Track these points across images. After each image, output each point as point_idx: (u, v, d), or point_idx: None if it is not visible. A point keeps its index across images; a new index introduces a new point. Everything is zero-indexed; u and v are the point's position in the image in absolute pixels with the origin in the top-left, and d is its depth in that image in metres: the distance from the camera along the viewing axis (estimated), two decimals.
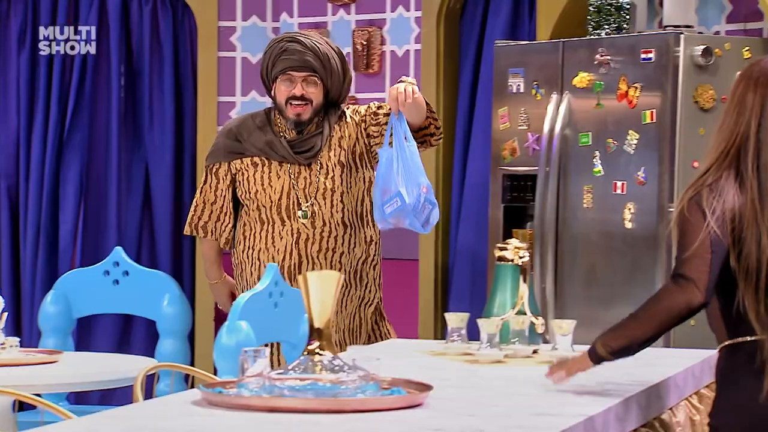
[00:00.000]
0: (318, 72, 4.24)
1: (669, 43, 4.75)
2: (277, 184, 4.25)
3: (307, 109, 4.23)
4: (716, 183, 2.53)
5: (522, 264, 3.08)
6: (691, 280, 2.52)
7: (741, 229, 2.49)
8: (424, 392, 2.42)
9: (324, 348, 2.39)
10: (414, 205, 3.98)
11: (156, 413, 2.34)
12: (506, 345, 3.02)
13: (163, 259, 6.25)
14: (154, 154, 6.32)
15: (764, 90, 2.54)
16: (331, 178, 4.24)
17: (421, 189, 4.00)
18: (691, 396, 3.01)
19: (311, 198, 4.22)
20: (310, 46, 4.25)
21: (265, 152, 4.27)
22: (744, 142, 2.54)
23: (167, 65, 6.34)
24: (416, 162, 4.01)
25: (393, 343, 3.49)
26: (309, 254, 4.23)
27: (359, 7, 6.16)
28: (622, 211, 4.84)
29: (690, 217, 2.53)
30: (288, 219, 4.23)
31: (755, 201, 2.50)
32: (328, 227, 4.23)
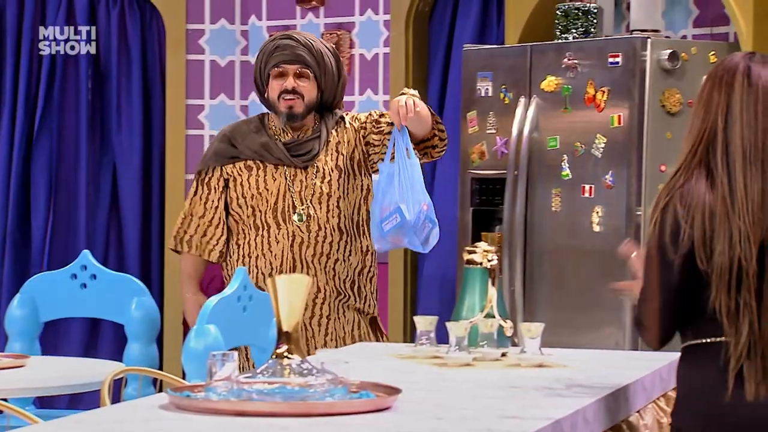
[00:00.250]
0: (311, 67, 4.13)
1: (636, 47, 4.77)
2: (272, 186, 4.14)
3: (299, 102, 4.12)
4: (687, 184, 2.55)
5: (491, 267, 3.09)
6: (645, 327, 2.61)
7: (713, 227, 2.51)
8: (393, 395, 2.42)
9: (292, 351, 2.39)
10: (414, 222, 3.84)
11: (123, 417, 2.33)
12: (475, 348, 3.02)
13: (131, 263, 6.23)
14: (122, 157, 6.30)
15: (729, 87, 2.56)
16: (328, 182, 4.13)
17: (422, 206, 3.86)
18: (658, 398, 3.02)
19: (307, 201, 4.11)
20: (303, 42, 4.16)
21: (261, 155, 4.16)
22: (712, 140, 2.56)
23: (135, 68, 6.32)
24: (418, 178, 3.89)
25: (362, 347, 3.49)
26: (303, 258, 4.13)
27: (328, 10, 6.16)
28: (590, 215, 4.86)
29: (650, 245, 2.55)
30: (283, 222, 4.12)
31: (726, 198, 2.52)
32: (324, 232, 4.12)
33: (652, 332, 2.59)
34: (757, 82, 2.55)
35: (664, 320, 2.58)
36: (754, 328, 2.49)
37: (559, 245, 4.95)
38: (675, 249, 2.53)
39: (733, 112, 2.54)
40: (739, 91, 2.55)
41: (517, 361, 2.97)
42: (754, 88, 2.55)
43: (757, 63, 2.57)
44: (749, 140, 2.52)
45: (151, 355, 4.76)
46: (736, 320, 2.50)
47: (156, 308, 4.83)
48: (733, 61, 2.59)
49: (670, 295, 2.55)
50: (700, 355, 2.57)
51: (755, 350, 2.49)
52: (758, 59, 2.58)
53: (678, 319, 2.59)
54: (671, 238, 2.52)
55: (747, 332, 2.49)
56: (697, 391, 2.56)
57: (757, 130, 2.53)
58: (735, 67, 2.57)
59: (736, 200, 2.51)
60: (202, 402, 2.35)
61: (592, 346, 4.56)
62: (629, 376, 2.86)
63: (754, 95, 2.54)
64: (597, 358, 3.21)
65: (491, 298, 3.07)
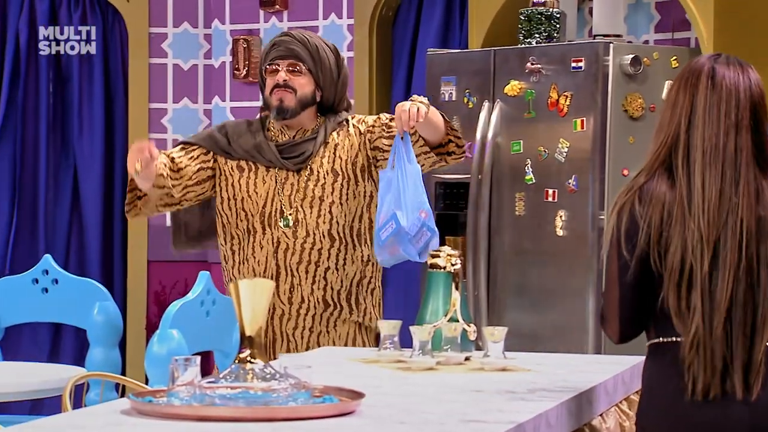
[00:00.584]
0: (304, 60, 3.90)
1: (599, 52, 4.80)
2: (261, 189, 3.89)
3: (291, 97, 3.88)
4: (648, 183, 2.56)
5: (454, 271, 3.09)
6: (606, 320, 2.63)
7: (669, 226, 2.53)
8: (356, 400, 2.41)
9: (255, 356, 2.38)
10: (410, 229, 3.60)
11: (84, 423, 2.32)
12: (438, 352, 3.02)
13: (93, 267, 6.20)
14: (84, 162, 6.26)
15: (693, 89, 2.58)
16: (321, 186, 3.87)
17: (419, 213, 3.63)
18: (621, 402, 3.03)
19: (296, 205, 3.85)
20: (299, 38, 3.96)
21: (252, 155, 3.91)
22: (675, 141, 2.57)
23: (97, 72, 6.29)
24: (417, 185, 3.67)
25: (325, 351, 3.48)
26: (288, 265, 3.84)
27: (291, 14, 6.16)
28: (553, 219, 4.88)
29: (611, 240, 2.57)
30: (269, 227, 3.86)
31: (683, 198, 2.53)
32: (312, 238, 3.83)
33: (611, 326, 2.63)
34: (721, 83, 2.56)
35: (623, 315, 2.60)
36: (700, 329, 2.51)
37: (522, 249, 4.96)
38: (630, 246, 2.55)
39: (696, 113, 2.56)
40: (702, 92, 2.57)
41: (481, 365, 2.97)
42: (717, 89, 2.56)
43: (722, 64, 2.59)
44: (710, 141, 2.54)
45: (114, 360, 4.74)
46: (685, 319, 2.52)
47: (118, 313, 4.81)
48: (699, 62, 2.61)
49: (627, 292, 2.58)
50: (662, 353, 2.59)
51: (703, 350, 2.51)
52: (723, 60, 2.60)
53: (638, 316, 2.60)
54: (627, 235, 2.55)
55: (693, 332, 2.51)
56: (660, 389, 2.58)
57: (718, 131, 2.54)
58: (700, 69, 2.59)
59: (693, 201, 2.53)
60: (164, 407, 2.34)
61: (555, 350, 4.58)
62: (592, 379, 2.86)
63: (717, 96, 2.56)
64: (560, 362, 3.22)
65: (455, 302, 3.07)
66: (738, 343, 2.52)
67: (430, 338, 2.98)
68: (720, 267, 2.51)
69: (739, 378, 2.52)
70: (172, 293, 6.23)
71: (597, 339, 4.76)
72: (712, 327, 2.51)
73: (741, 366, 2.52)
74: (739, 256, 2.51)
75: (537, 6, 5.06)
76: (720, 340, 2.51)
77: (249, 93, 6.26)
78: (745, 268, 2.52)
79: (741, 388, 2.51)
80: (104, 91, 6.30)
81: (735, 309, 2.52)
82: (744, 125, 2.55)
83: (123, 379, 3.66)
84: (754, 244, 2.52)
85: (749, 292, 2.52)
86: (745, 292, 2.52)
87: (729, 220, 2.52)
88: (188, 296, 4.03)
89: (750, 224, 2.52)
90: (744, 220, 2.52)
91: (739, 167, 2.54)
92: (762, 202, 2.55)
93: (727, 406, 2.52)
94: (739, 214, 2.52)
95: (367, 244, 3.89)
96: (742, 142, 2.54)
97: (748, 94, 2.56)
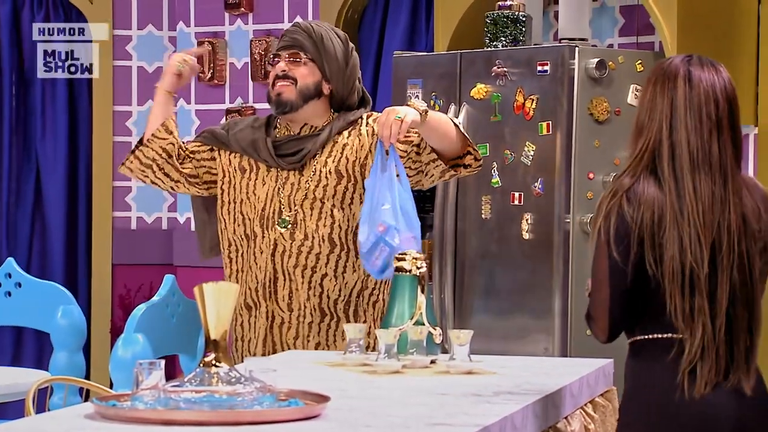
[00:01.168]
0: (307, 50, 3.62)
1: (564, 55, 4.81)
2: (261, 191, 3.63)
3: (291, 89, 3.61)
4: (635, 186, 2.58)
5: (420, 274, 3.09)
6: (593, 319, 2.63)
7: (661, 232, 2.54)
8: (322, 403, 2.41)
9: (220, 360, 2.37)
10: (365, 245, 3.30)
11: (47, 427, 2.30)
12: (404, 355, 3.02)
13: (56, 270, 6.17)
14: (47, 164, 6.23)
15: (671, 92, 2.59)
16: (323, 186, 3.59)
17: (377, 227, 3.29)
18: (586, 405, 3.04)
19: (296, 206, 3.59)
20: (303, 27, 3.68)
21: (247, 151, 3.66)
22: (658, 146, 2.58)
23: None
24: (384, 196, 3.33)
25: (290, 355, 3.47)
26: (285, 269, 3.58)
27: (257, 16, 6.14)
28: (519, 222, 4.88)
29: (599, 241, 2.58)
30: (267, 229, 3.60)
31: (674, 203, 2.55)
32: (310, 242, 3.57)
33: (600, 324, 2.62)
34: (699, 84, 2.58)
35: (613, 315, 2.60)
36: (707, 330, 2.54)
37: (489, 252, 4.97)
38: (622, 248, 2.55)
39: (677, 116, 2.58)
40: (681, 95, 2.58)
41: (447, 368, 2.97)
42: (696, 91, 2.58)
43: (696, 65, 2.61)
44: (695, 144, 2.56)
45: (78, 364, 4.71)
46: (691, 322, 2.54)
47: (82, 316, 4.79)
48: (673, 64, 2.62)
49: (618, 292, 2.58)
50: (650, 350, 2.60)
51: (709, 351, 2.54)
52: (696, 62, 2.62)
53: (627, 315, 2.61)
54: (617, 236, 2.55)
55: (701, 334, 2.54)
56: (647, 386, 2.60)
57: (702, 134, 2.57)
58: (675, 71, 2.60)
59: (684, 205, 2.55)
60: (128, 411, 2.32)
61: (521, 353, 4.59)
62: (557, 382, 2.87)
63: (697, 99, 2.58)
64: (526, 365, 3.23)
65: (420, 305, 3.06)
66: (741, 341, 2.56)
67: (395, 341, 2.98)
68: (718, 267, 2.54)
69: (743, 374, 2.56)
70: (137, 297, 6.20)
71: (563, 341, 4.77)
72: (715, 327, 2.54)
73: (744, 363, 2.56)
74: (733, 255, 2.55)
75: (503, 9, 5.07)
76: (724, 339, 2.54)
77: (214, 95, 6.24)
78: (739, 266, 2.56)
79: (746, 384, 2.55)
80: (68, 92, 6.26)
81: (735, 307, 2.55)
82: (724, 125, 2.58)
83: (87, 383, 3.64)
84: (744, 242, 2.56)
85: (745, 289, 2.56)
86: (741, 289, 2.56)
87: (721, 220, 2.55)
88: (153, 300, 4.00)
89: (738, 222, 2.56)
90: (734, 220, 2.55)
91: (725, 167, 2.57)
92: (744, 200, 2.58)
93: (722, 401, 2.55)
94: (729, 213, 2.56)
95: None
96: (724, 141, 2.58)
97: (725, 94, 2.59)
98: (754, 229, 2.58)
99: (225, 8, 6.16)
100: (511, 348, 4.77)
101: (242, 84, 6.17)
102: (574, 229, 4.77)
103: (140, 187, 6.37)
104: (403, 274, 3.11)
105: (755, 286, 2.58)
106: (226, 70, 6.19)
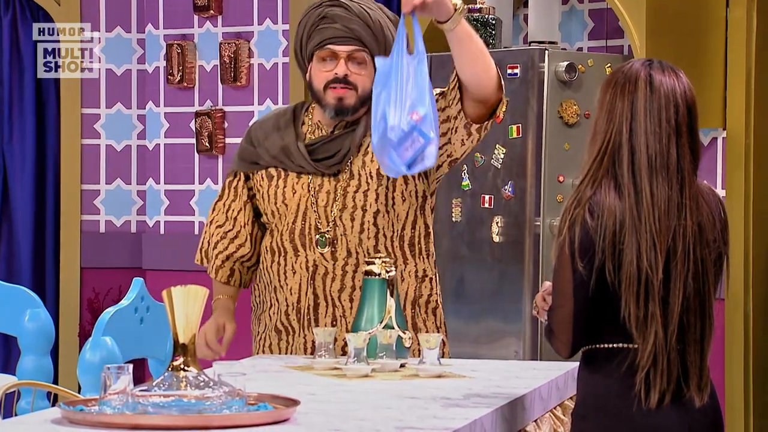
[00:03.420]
0: (368, 46, 3.20)
1: (534, 58, 4.82)
2: (292, 201, 3.24)
3: (352, 93, 3.19)
4: (596, 195, 2.56)
5: (389, 278, 3.08)
6: (555, 334, 2.60)
7: (622, 239, 2.53)
8: (291, 407, 2.40)
9: (189, 364, 2.36)
10: (398, 130, 2.83)
11: None
12: (374, 359, 3.02)
13: (24, 274, 6.13)
14: (14, 167, 6.19)
15: (632, 95, 2.59)
16: (364, 192, 3.21)
17: (410, 115, 2.83)
18: (555, 408, 3.04)
19: (333, 218, 3.21)
20: (357, 12, 3.20)
21: (280, 160, 3.26)
22: (617, 150, 2.58)
23: (28, 76, 6.22)
24: (418, 82, 2.86)
25: (259, 359, 3.46)
26: (328, 294, 3.22)
27: (226, 19, 6.12)
28: (490, 225, 4.89)
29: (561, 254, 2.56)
30: (302, 248, 3.22)
31: (633, 209, 2.54)
32: (354, 259, 3.21)
33: (562, 339, 2.59)
34: (659, 89, 2.58)
35: (576, 329, 2.58)
36: (659, 337, 2.52)
37: (459, 255, 4.97)
38: (586, 261, 2.54)
39: (637, 119, 2.57)
40: (642, 99, 2.57)
41: (416, 371, 2.96)
42: (656, 95, 2.57)
43: (657, 70, 2.60)
44: (654, 148, 2.55)
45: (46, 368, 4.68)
46: (644, 329, 2.53)
47: (50, 320, 4.75)
48: (633, 68, 2.62)
49: (583, 305, 2.56)
50: (604, 360, 2.59)
51: (660, 358, 2.53)
52: (657, 66, 2.61)
53: (590, 328, 2.60)
54: (581, 249, 2.53)
55: (653, 341, 2.52)
56: (601, 395, 2.59)
57: (661, 138, 2.56)
58: (636, 75, 2.60)
59: (642, 210, 2.54)
60: (96, 416, 2.31)
61: (492, 357, 4.59)
62: (527, 385, 2.87)
63: (657, 103, 2.57)
64: (495, 368, 3.22)
65: (390, 309, 3.06)
66: (692, 350, 2.55)
67: (365, 345, 2.97)
68: (672, 273, 2.53)
69: (695, 385, 2.54)
70: (105, 300, 6.17)
71: (533, 344, 4.78)
72: (667, 334, 2.52)
73: (696, 373, 2.55)
74: (688, 262, 2.54)
75: (473, 12, 5.08)
76: (676, 347, 2.54)
77: (183, 98, 6.21)
78: (693, 274, 2.54)
79: (698, 395, 2.54)
80: (35, 95, 6.23)
81: (688, 316, 2.54)
82: (683, 130, 2.57)
83: (55, 387, 3.62)
84: (699, 249, 2.55)
85: (698, 298, 2.55)
86: (695, 297, 2.55)
87: (677, 227, 2.54)
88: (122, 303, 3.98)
89: (694, 229, 2.55)
90: (690, 226, 2.54)
91: (682, 172, 2.56)
92: (700, 207, 2.57)
93: (674, 412, 2.54)
94: (685, 219, 2.55)
95: (422, 257, 3.27)
96: (682, 147, 2.57)
97: (685, 99, 2.59)
98: (709, 238, 2.57)
99: (194, 10, 6.14)
100: (481, 351, 4.77)
101: (212, 86, 6.16)
102: (544, 232, 4.78)
103: (109, 190, 6.34)
104: (373, 277, 3.10)
105: (709, 295, 2.56)
106: (195, 72, 6.16)
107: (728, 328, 5.04)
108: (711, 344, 2.59)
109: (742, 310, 5.03)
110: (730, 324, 5.04)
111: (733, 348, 5.03)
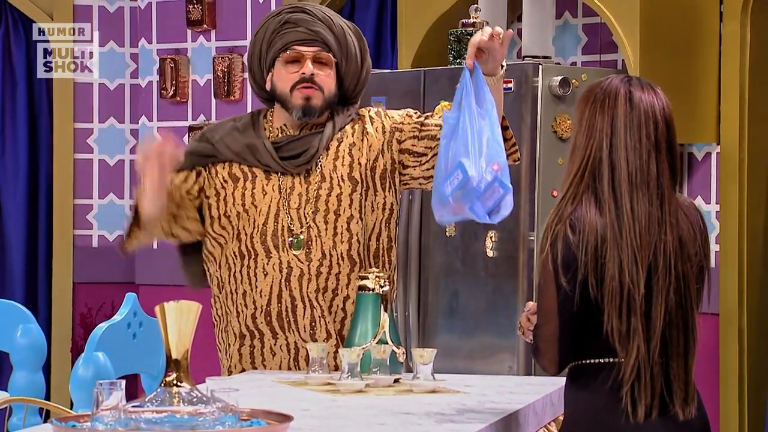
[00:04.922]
0: (332, 49, 3.24)
1: (528, 73, 4.82)
2: (262, 203, 3.22)
3: (319, 95, 3.21)
4: (578, 211, 2.56)
5: (383, 293, 3.07)
6: (541, 352, 2.60)
7: (604, 253, 2.53)
8: (284, 423, 2.38)
9: (181, 379, 2.34)
10: (479, 182, 2.83)
11: None
12: (367, 374, 3.00)
13: (16, 289, 6.11)
14: (7, 181, 6.18)
15: (612, 111, 2.60)
16: (337, 196, 3.22)
17: (491, 165, 2.84)
18: (549, 423, 3.03)
19: (308, 221, 3.22)
20: (320, 17, 3.24)
21: (244, 157, 3.23)
22: (598, 165, 2.59)
23: (21, 90, 6.21)
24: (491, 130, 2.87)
25: (252, 375, 3.44)
26: (306, 295, 3.20)
27: (219, 33, 6.12)
28: (484, 240, 4.88)
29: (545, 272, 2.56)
30: (275, 249, 3.20)
31: (614, 223, 2.55)
32: (329, 261, 3.20)
33: (549, 357, 2.60)
34: (639, 105, 2.60)
35: (562, 345, 2.58)
36: (641, 351, 2.52)
37: (453, 270, 4.96)
38: (569, 277, 2.54)
39: (617, 135, 2.58)
40: (622, 114, 2.59)
41: (410, 387, 2.95)
42: (636, 111, 2.59)
43: (636, 86, 2.62)
44: (634, 164, 2.57)
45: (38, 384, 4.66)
46: (627, 343, 2.53)
47: (42, 335, 4.74)
48: (613, 84, 2.63)
49: (569, 321, 2.56)
50: (590, 375, 2.59)
51: (644, 372, 2.53)
52: (636, 83, 2.63)
53: (576, 344, 2.60)
54: (564, 265, 2.54)
55: (635, 355, 2.52)
56: (588, 411, 2.59)
57: (641, 153, 2.57)
58: (616, 91, 2.61)
59: (623, 225, 2.55)
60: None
61: (485, 372, 4.57)
62: (521, 401, 2.86)
63: (637, 119, 2.59)
64: (489, 384, 3.21)
65: (383, 324, 3.05)
66: (676, 364, 2.55)
67: (359, 360, 2.96)
68: (653, 288, 2.53)
69: (680, 399, 2.54)
70: (98, 315, 6.15)
71: (526, 360, 4.77)
72: (650, 349, 2.52)
73: (681, 387, 2.55)
74: (669, 276, 2.54)
75: (466, 27, 5.08)
76: (659, 362, 2.53)
77: (176, 113, 6.21)
78: (675, 288, 2.55)
79: (684, 409, 2.54)
80: (28, 110, 6.22)
81: (670, 330, 2.54)
82: (663, 146, 2.59)
83: (47, 403, 3.60)
84: (680, 264, 2.56)
85: (680, 312, 2.55)
86: (677, 311, 2.55)
87: (658, 242, 2.55)
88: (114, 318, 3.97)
89: (675, 244, 2.55)
90: (670, 241, 2.55)
91: (662, 188, 2.57)
92: (680, 222, 2.58)
93: (661, 426, 2.54)
94: (665, 234, 2.55)
95: (386, 268, 3.28)
96: (662, 162, 2.58)
97: (664, 116, 2.61)
98: (691, 252, 2.58)
99: (187, 25, 6.14)
100: (475, 367, 4.76)
101: (205, 101, 6.15)
102: (537, 247, 4.77)
103: (102, 204, 6.33)
104: (366, 292, 3.09)
105: (691, 309, 2.58)
106: (188, 87, 6.16)
107: (722, 342, 5.03)
108: (695, 358, 2.59)
109: (737, 324, 5.02)
110: (725, 339, 5.03)
111: (728, 363, 5.02)
